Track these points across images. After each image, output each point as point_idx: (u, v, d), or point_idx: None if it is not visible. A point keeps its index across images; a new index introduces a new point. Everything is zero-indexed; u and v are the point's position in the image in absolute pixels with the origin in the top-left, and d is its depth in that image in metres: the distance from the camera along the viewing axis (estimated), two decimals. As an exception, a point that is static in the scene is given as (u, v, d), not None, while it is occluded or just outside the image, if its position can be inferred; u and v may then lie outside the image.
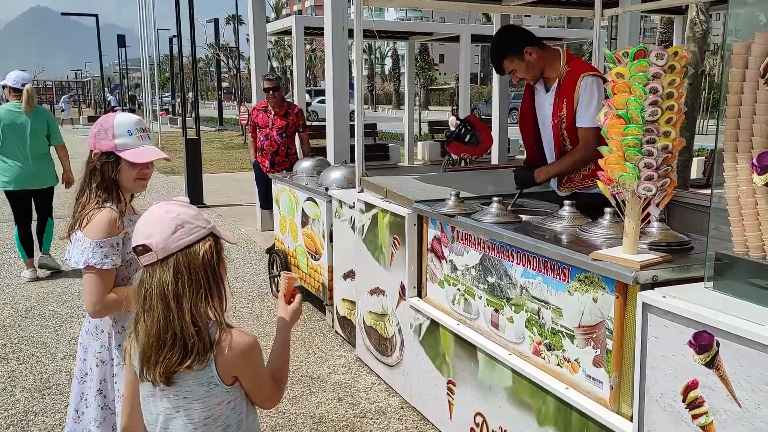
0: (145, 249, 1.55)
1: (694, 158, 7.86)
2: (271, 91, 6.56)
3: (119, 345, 2.16)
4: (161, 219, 1.57)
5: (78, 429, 2.22)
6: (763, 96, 1.80)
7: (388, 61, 65.73)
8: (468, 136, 3.85)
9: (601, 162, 2.18)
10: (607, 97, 2.18)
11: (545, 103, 3.41)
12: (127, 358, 1.67)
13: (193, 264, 1.55)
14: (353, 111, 4.42)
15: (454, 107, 16.40)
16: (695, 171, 9.21)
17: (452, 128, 4.36)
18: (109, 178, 2.15)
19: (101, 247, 2.06)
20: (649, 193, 2.08)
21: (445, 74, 60.81)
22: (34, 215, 6.30)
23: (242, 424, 1.65)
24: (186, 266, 1.54)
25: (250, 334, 1.64)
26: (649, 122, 2.03)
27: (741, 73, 1.86)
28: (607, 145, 2.16)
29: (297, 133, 6.84)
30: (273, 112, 6.70)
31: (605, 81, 2.72)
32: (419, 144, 16.33)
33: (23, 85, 5.97)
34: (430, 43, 28.63)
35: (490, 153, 9.22)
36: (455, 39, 12.84)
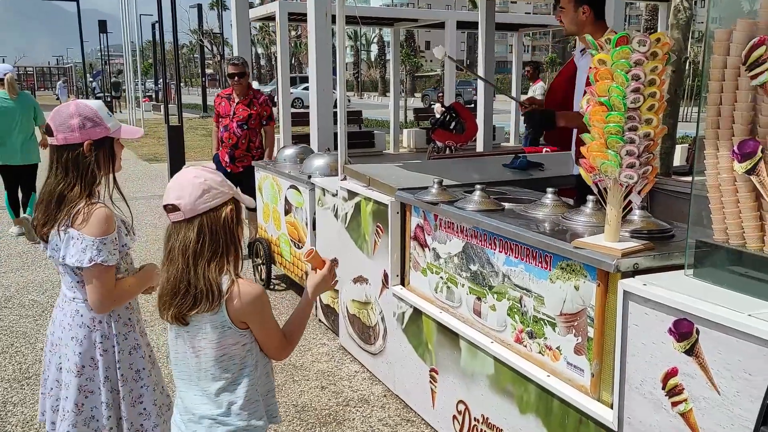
0: (174, 208, 1.74)
1: (677, 145, 7.89)
2: (236, 77, 6.01)
3: (117, 334, 2.18)
4: (191, 182, 1.74)
5: (80, 421, 2.16)
6: (744, 83, 1.79)
7: (374, 48, 65.41)
8: (453, 124, 3.83)
9: (583, 149, 2.16)
10: (589, 84, 2.16)
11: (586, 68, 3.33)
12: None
13: (215, 225, 1.75)
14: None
15: (440, 94, 16.34)
16: (679, 158, 9.26)
17: (437, 115, 4.33)
18: (104, 167, 2.12)
19: (105, 243, 2.05)
20: (631, 180, 2.07)
21: (431, 61, 60.63)
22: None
23: (258, 366, 1.85)
24: (209, 227, 1.74)
25: (258, 285, 1.83)
26: (631, 109, 2.02)
27: (722, 60, 1.85)
28: (589, 132, 2.15)
29: (262, 126, 6.22)
30: (237, 100, 6.10)
31: None
32: (405, 131, 16.28)
33: (5, 74, 6.96)
34: (416, 30, 28.50)
35: (475, 140, 9.19)
36: (441, 26, 12.78)
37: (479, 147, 9.93)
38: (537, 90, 12.06)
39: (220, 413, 1.80)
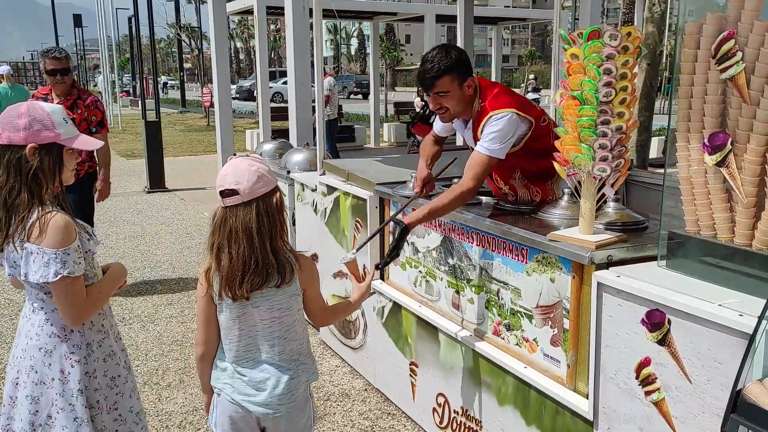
0: (232, 192, 1.90)
1: (653, 138, 7.98)
2: (58, 75, 4.77)
3: (90, 343, 2.07)
4: (247, 170, 1.91)
5: None
6: (714, 77, 1.82)
7: (354, 42, 65.23)
8: (432, 117, 3.82)
9: (557, 143, 2.18)
10: (563, 79, 2.18)
11: (467, 135, 2.96)
12: (203, 287, 1.99)
13: (269, 208, 1.93)
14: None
15: (420, 88, 16.38)
16: (655, 151, 9.35)
17: (417, 110, 4.32)
18: (49, 174, 1.97)
19: (68, 254, 1.92)
20: (604, 173, 2.09)
21: (411, 55, 60.62)
22: None
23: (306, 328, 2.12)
24: (264, 210, 1.92)
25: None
26: (603, 103, 2.04)
27: (693, 54, 1.88)
28: (558, 128, 2.17)
29: (90, 134, 4.56)
30: (56, 102, 4.69)
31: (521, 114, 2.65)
32: (385, 125, 16.28)
33: (4, 72, 8.64)
34: (396, 24, 28.48)
35: (454, 134, 9.22)
36: (420, 19, 12.78)
37: (459, 141, 9.94)
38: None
39: (296, 367, 2.04)
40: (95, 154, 5.01)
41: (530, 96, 17.29)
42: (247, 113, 24.87)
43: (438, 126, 3.22)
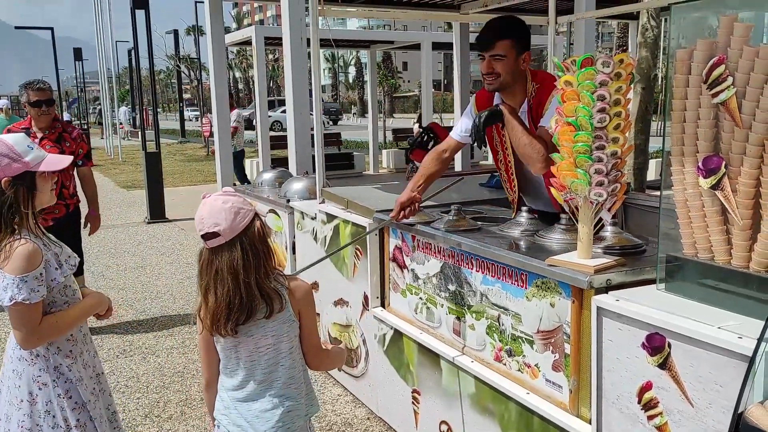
0: (213, 234, 1.89)
1: (650, 160, 8.02)
2: (43, 105, 4.67)
3: (57, 366, 2.14)
4: (222, 209, 1.90)
5: None
6: (706, 101, 1.85)
7: (352, 70, 65.84)
8: (431, 144, 3.83)
9: (553, 168, 2.21)
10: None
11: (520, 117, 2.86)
12: (200, 323, 2.00)
13: (252, 240, 1.92)
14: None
15: (418, 112, 16.47)
16: (653, 173, 9.40)
17: (415, 136, 4.35)
18: (23, 203, 2.06)
19: (26, 281, 2.00)
20: (601, 198, 2.11)
21: (409, 81, 61.16)
22: None
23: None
24: (249, 243, 1.91)
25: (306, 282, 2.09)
26: (597, 129, 2.06)
27: (684, 79, 1.91)
28: (558, 152, 2.19)
29: (75, 167, 4.88)
30: (40, 136, 4.70)
31: None
32: (384, 152, 16.35)
33: (3, 106, 9.65)
34: (393, 51, 28.78)
35: (453, 160, 9.27)
36: (417, 47, 12.92)
37: (457, 166, 10.01)
38: None
39: (294, 396, 2.01)
40: (82, 189, 4.98)
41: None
42: (246, 142, 25.03)
43: (463, 126, 3.01)
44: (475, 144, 2.78)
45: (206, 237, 1.92)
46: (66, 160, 2.22)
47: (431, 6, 6.19)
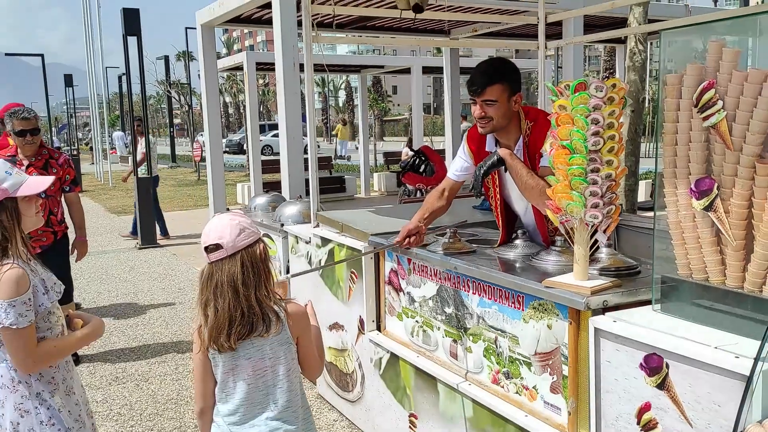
0: (216, 247, 1.96)
1: (641, 181, 8.10)
2: (28, 134, 4.63)
3: (39, 393, 2.13)
4: (229, 224, 1.98)
5: None
6: (697, 124, 1.88)
7: (342, 94, 66.22)
8: (423, 167, 3.86)
9: (548, 191, 2.23)
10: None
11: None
12: (197, 344, 2.02)
13: (253, 259, 1.98)
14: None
15: (408, 136, 16.59)
16: (643, 194, 9.48)
17: (407, 159, 4.37)
18: (9, 229, 2.07)
19: (13, 306, 2.00)
20: (596, 220, 2.14)
21: (398, 105, 61.56)
22: None
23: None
24: (249, 261, 1.97)
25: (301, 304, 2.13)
26: (592, 152, 2.10)
27: (675, 103, 1.94)
28: (554, 174, 2.22)
29: (63, 193, 4.87)
30: (26, 164, 4.66)
31: None
32: (375, 175, 16.42)
33: None
34: (383, 75, 29.03)
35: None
36: (407, 71, 13.05)
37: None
38: None
39: (291, 421, 2.03)
40: (70, 214, 4.96)
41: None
42: (237, 167, 25.04)
43: (457, 166, 3.09)
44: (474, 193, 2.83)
45: (209, 249, 1.97)
46: (47, 180, 2.22)
47: (421, 32, 6.28)
